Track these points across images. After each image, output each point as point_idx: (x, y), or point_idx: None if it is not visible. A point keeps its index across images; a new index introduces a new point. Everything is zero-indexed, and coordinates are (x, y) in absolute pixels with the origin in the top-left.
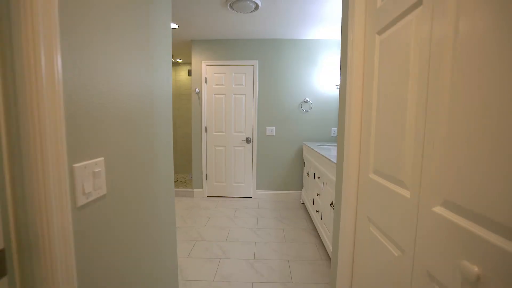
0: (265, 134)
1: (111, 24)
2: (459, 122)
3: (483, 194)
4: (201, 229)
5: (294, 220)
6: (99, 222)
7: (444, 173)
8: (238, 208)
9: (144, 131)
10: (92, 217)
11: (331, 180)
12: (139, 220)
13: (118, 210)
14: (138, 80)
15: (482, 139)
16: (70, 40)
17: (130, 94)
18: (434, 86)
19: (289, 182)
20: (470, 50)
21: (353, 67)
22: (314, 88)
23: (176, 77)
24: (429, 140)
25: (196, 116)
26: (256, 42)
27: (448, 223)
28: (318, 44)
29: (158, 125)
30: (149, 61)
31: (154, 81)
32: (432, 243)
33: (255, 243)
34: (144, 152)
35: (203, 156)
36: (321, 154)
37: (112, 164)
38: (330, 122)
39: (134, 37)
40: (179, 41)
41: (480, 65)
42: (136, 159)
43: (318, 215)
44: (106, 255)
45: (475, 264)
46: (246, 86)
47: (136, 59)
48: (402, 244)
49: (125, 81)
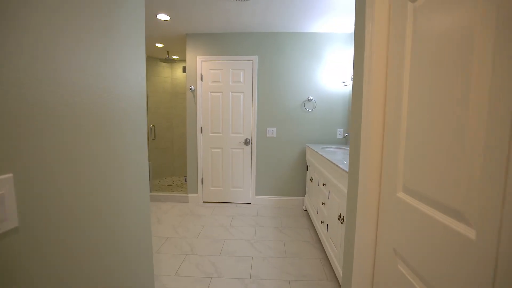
0: (265, 135)
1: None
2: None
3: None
4: (193, 241)
5: (296, 229)
6: (6, 273)
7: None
8: (235, 215)
9: (96, 137)
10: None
11: (338, 189)
12: (85, 261)
13: (42, 252)
14: (88, 72)
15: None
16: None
17: (72, 90)
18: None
19: (291, 187)
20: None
21: (373, 46)
22: (318, 86)
23: (172, 75)
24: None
25: (191, 115)
26: (256, 36)
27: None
28: (323, 38)
29: (123, 129)
30: (108, 52)
31: (117, 76)
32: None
33: (252, 258)
34: (96, 163)
35: (199, 159)
36: (326, 158)
37: (29, 182)
38: (336, 122)
39: (85, 19)
40: (173, 35)
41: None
42: (79, 173)
43: (323, 227)
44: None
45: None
46: (244, 84)
47: (85, 46)
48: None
49: (64, 73)
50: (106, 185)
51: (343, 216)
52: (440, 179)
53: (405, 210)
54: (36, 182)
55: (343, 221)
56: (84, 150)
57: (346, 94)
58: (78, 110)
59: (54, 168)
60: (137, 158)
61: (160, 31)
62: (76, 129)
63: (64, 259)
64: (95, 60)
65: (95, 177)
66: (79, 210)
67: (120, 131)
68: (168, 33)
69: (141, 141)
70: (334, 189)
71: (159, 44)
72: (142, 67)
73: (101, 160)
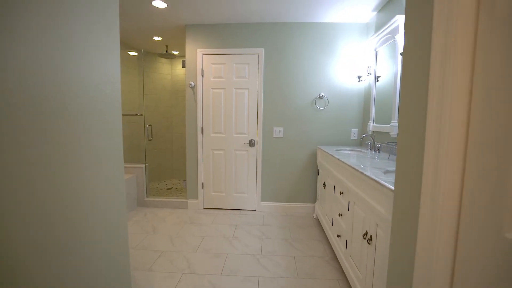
0: (271, 135)
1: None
2: None
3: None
4: (190, 256)
5: (307, 242)
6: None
7: None
8: (238, 224)
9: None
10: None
11: (364, 201)
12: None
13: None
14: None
15: None
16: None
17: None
18: None
19: (300, 193)
20: None
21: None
22: (331, 81)
23: (172, 72)
24: None
25: (190, 114)
26: (262, 27)
27: None
28: (337, 28)
29: (86, 130)
30: (68, 43)
31: (78, 70)
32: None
33: (258, 279)
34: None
35: (199, 162)
36: (347, 164)
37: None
38: (350, 121)
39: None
40: (172, 26)
41: None
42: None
43: (341, 242)
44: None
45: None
46: (249, 79)
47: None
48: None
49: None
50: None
51: (370, 235)
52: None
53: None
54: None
55: (370, 241)
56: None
57: (362, 90)
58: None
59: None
60: (105, 170)
61: (157, 22)
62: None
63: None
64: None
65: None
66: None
67: (88, 132)
68: (166, 24)
69: (114, 142)
70: (356, 201)
71: (157, 37)
72: (115, 61)
73: (59, 164)
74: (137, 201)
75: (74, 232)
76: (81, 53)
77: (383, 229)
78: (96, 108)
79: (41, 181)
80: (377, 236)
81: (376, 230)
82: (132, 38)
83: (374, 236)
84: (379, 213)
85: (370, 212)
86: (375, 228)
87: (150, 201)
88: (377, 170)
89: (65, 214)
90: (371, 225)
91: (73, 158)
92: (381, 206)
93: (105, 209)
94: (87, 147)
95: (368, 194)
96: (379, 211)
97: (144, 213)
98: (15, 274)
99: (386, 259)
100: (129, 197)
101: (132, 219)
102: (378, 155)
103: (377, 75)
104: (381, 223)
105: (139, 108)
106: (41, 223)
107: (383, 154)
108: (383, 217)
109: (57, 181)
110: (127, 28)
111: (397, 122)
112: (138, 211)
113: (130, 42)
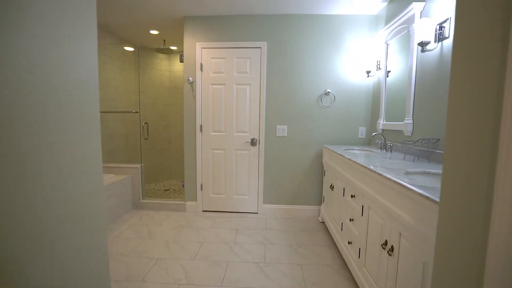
0: (274, 134)
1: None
2: None
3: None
4: (188, 264)
5: (313, 248)
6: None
7: None
8: (239, 229)
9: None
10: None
11: (383, 208)
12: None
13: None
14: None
15: None
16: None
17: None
18: None
19: (304, 194)
20: None
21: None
22: (338, 77)
23: (170, 68)
24: None
25: (188, 111)
26: (265, 19)
27: None
28: (344, 21)
29: (51, 129)
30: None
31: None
32: None
33: None
34: None
35: (198, 162)
36: (361, 165)
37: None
38: (357, 119)
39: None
40: (169, 19)
41: None
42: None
43: (352, 250)
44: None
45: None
46: (251, 74)
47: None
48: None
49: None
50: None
51: (391, 245)
52: None
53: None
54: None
55: (391, 252)
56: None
57: (370, 86)
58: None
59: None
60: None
61: (153, 14)
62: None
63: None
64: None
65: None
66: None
67: (55, 132)
68: (163, 16)
69: (93, 142)
70: (372, 205)
71: (154, 31)
72: (92, 52)
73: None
74: (133, 203)
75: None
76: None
77: (408, 239)
78: (69, 111)
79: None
80: (400, 247)
81: (399, 239)
82: (128, 32)
83: (397, 246)
84: (403, 220)
85: (390, 219)
86: (397, 237)
87: (146, 203)
88: (396, 171)
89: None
90: (392, 234)
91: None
92: (404, 212)
93: (81, 214)
94: (56, 164)
95: (388, 198)
96: (403, 218)
97: (139, 216)
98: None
99: (412, 275)
100: (123, 199)
101: (126, 223)
102: (390, 154)
103: (387, 70)
104: (406, 232)
105: (135, 106)
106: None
107: (396, 154)
108: (408, 225)
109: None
110: (123, 21)
111: (411, 120)
112: (133, 214)
113: (126, 36)
